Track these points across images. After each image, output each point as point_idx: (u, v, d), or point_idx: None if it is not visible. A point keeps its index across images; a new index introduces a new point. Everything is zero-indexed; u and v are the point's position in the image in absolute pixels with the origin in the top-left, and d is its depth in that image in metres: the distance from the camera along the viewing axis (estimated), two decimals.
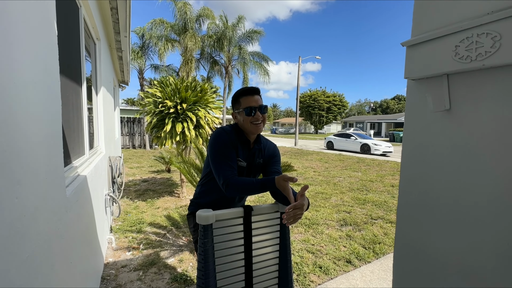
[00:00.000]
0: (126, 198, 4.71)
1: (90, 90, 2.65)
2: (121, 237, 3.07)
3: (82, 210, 1.59)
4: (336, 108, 36.30)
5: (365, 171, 8.00)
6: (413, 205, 0.96)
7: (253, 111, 1.26)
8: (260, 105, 1.28)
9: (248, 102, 1.27)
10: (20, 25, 0.76)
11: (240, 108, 1.29)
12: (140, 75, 16.50)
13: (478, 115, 0.77)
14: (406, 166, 0.98)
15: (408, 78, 0.95)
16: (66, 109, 1.49)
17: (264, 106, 1.30)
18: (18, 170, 0.70)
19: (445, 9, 0.83)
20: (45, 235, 0.89)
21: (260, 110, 1.27)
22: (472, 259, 0.79)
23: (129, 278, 2.27)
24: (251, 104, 1.26)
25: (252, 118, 1.26)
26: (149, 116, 4.32)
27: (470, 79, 0.78)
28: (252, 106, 1.26)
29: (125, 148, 13.61)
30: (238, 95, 1.31)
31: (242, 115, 1.28)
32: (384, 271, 2.46)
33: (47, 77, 1.00)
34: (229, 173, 1.18)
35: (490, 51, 0.70)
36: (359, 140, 14.00)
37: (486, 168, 0.75)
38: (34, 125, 0.84)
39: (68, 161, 1.55)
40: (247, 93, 1.29)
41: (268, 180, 1.14)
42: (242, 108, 1.28)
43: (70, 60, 1.73)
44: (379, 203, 4.60)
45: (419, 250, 0.94)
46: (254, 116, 1.26)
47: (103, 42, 3.14)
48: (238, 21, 15.93)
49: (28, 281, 0.74)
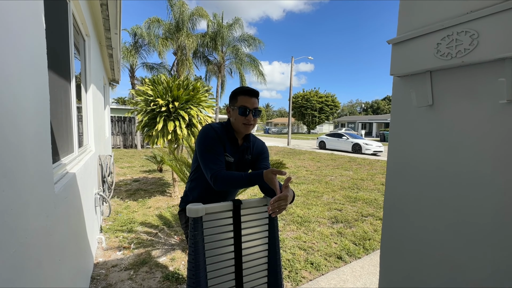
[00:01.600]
0: (117, 198, 4.64)
1: (79, 87, 2.61)
2: (112, 237, 3.03)
3: (71, 207, 1.56)
4: (328, 108, 36.71)
5: (356, 170, 8.12)
6: (398, 198, 0.99)
7: (246, 111, 1.28)
8: (254, 108, 1.31)
9: (244, 102, 1.29)
10: (7, 18, 0.74)
11: (236, 105, 1.31)
12: (131, 74, 16.26)
13: (459, 110, 0.81)
14: (392, 160, 1.02)
15: (393, 75, 0.98)
16: (54, 105, 1.46)
17: (258, 111, 1.33)
18: (4, 163, 0.69)
19: (428, 8, 0.87)
20: (33, 230, 0.88)
21: (253, 113, 1.30)
22: (455, 250, 0.82)
23: (120, 278, 2.25)
24: (247, 104, 1.29)
25: (244, 119, 1.29)
26: (141, 115, 4.26)
27: (451, 76, 0.82)
28: (247, 107, 1.29)
29: (116, 148, 13.37)
30: (238, 92, 1.33)
31: (235, 112, 1.31)
32: (374, 266, 2.51)
33: (35, 72, 0.98)
34: (217, 167, 1.20)
35: (468, 48, 0.73)
36: (351, 140, 14.20)
37: (467, 161, 0.79)
38: (22, 120, 0.83)
39: (57, 158, 1.53)
40: (246, 93, 1.31)
41: (256, 174, 1.16)
42: (238, 105, 1.30)
43: (58, 56, 1.70)
44: (369, 201, 4.69)
45: (404, 242, 0.97)
46: (246, 117, 1.29)
47: (93, 39, 3.09)
48: (234, 23, 15.89)
49: (15, 276, 0.73)
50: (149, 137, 4.25)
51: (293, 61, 18.31)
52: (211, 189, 1.32)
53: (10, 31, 0.76)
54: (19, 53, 0.83)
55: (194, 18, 14.77)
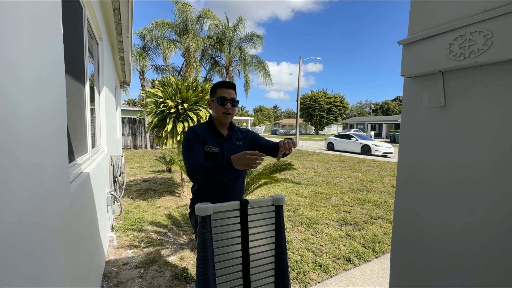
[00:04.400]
0: (127, 197, 4.74)
1: (93, 89, 2.69)
2: (123, 236, 3.10)
3: (85, 206, 1.61)
4: (336, 109, 36.35)
5: (365, 171, 8.01)
6: (409, 199, 0.98)
7: (225, 101, 1.42)
8: (232, 98, 1.44)
9: (222, 93, 1.44)
10: (29, 24, 0.78)
11: (215, 96, 1.45)
12: (141, 76, 16.57)
13: (472, 111, 0.80)
14: (403, 161, 1.01)
15: (404, 76, 0.97)
16: (69, 107, 1.51)
17: (235, 101, 1.46)
18: (26, 163, 0.73)
19: (440, 8, 0.86)
20: (51, 227, 0.92)
21: (231, 103, 1.43)
22: (468, 255, 0.81)
23: (130, 276, 2.29)
24: (225, 95, 1.43)
25: (223, 108, 1.42)
26: (151, 116, 4.35)
27: (464, 76, 0.81)
28: (225, 97, 1.42)
29: (126, 148, 13.65)
30: (216, 86, 1.48)
31: (215, 103, 1.45)
32: (384, 269, 2.47)
33: (54, 76, 1.02)
34: (192, 161, 1.32)
35: (482, 48, 0.72)
36: (360, 141, 14.00)
37: (480, 163, 0.78)
38: (42, 121, 0.86)
39: (72, 158, 1.58)
40: (223, 86, 1.46)
41: (224, 159, 1.25)
42: (217, 97, 1.44)
43: (74, 59, 1.76)
44: (379, 203, 4.61)
45: (415, 243, 0.96)
46: (225, 106, 1.42)
47: (105, 43, 3.18)
48: (238, 22, 15.98)
49: (36, 271, 0.77)
50: (158, 138, 4.33)
51: (301, 62, 18.25)
52: (215, 188, 1.44)
53: (32, 37, 0.80)
54: (40, 58, 0.87)
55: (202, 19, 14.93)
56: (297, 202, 4.67)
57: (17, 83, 0.69)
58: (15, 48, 0.69)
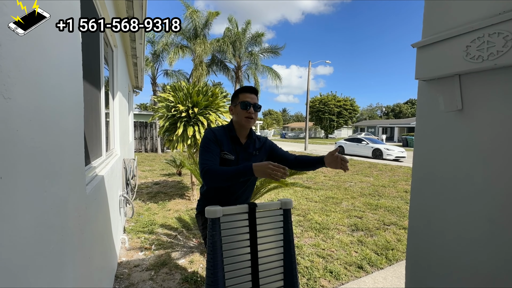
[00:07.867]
0: (139, 200, 4.82)
1: (107, 94, 2.77)
2: (134, 238, 3.15)
3: (100, 208, 1.65)
4: (346, 112, 35.90)
5: (377, 176, 7.83)
6: (425, 207, 0.95)
7: (248, 106, 1.41)
8: (254, 103, 1.44)
9: (245, 97, 1.43)
10: (53, 35, 0.82)
11: (238, 101, 1.44)
12: (152, 81, 16.96)
13: (491, 115, 0.77)
14: (418, 166, 0.98)
15: (419, 79, 0.95)
16: (86, 111, 1.57)
17: (257, 105, 1.45)
18: (45, 166, 0.76)
19: (456, 10, 0.84)
20: (68, 229, 0.95)
21: (253, 107, 1.43)
22: (486, 263, 0.77)
23: (141, 278, 2.32)
24: (247, 99, 1.42)
25: (246, 112, 1.41)
26: (162, 120, 4.43)
27: (482, 79, 0.78)
28: (248, 102, 1.41)
29: (138, 151, 13.94)
30: (238, 91, 1.48)
31: (238, 108, 1.44)
32: (398, 278, 2.39)
33: (73, 81, 1.06)
34: (207, 163, 1.30)
35: (502, 50, 0.70)
36: (371, 145, 13.74)
37: (499, 168, 0.75)
38: (60, 125, 0.90)
39: (88, 161, 1.63)
40: (246, 91, 1.46)
41: (245, 166, 1.21)
42: (239, 101, 1.43)
43: (91, 66, 1.82)
44: (392, 209, 4.49)
45: (432, 254, 0.92)
46: (248, 111, 1.41)
47: (119, 49, 3.28)
48: (246, 26, 16.15)
49: (55, 271, 0.79)
50: (169, 141, 4.40)
51: (310, 65, 18.19)
52: (223, 191, 1.43)
53: (54, 46, 0.84)
54: (61, 65, 0.91)
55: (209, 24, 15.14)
56: (307, 206, 4.62)
57: (40, 89, 0.72)
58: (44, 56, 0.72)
